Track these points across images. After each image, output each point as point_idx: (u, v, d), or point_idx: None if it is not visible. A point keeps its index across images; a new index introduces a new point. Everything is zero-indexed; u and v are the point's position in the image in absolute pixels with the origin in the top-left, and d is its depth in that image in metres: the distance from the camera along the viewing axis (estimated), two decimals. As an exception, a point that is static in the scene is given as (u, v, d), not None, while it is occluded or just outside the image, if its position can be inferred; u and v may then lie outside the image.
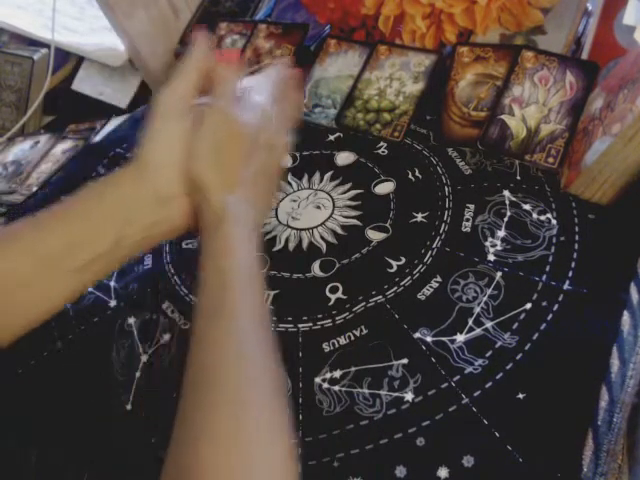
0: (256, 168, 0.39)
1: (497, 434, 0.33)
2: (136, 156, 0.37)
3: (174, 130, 0.37)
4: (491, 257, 0.42)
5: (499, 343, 0.37)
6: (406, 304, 0.40)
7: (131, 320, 0.44)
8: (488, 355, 0.37)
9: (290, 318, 0.42)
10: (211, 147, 0.37)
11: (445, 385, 0.36)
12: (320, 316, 0.41)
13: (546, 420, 0.33)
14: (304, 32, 0.62)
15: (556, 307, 0.38)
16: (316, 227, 0.47)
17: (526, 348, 0.36)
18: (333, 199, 0.49)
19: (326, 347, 0.39)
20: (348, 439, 0.35)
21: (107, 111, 0.69)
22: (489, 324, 0.38)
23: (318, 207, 0.49)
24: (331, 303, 0.42)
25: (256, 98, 0.41)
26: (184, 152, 0.37)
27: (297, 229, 0.47)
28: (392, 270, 0.43)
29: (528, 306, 0.38)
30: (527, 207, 0.44)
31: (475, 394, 0.35)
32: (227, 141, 0.37)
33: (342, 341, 0.40)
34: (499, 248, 0.42)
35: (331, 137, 0.55)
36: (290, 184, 0.51)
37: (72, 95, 0.72)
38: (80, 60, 0.73)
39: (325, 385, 0.38)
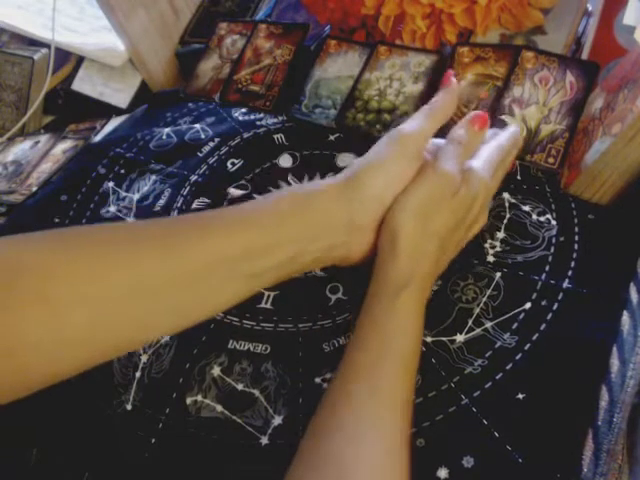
0: (449, 238, 0.37)
1: (497, 434, 0.33)
2: (352, 174, 0.35)
3: (404, 169, 0.35)
4: (490, 258, 0.42)
5: (499, 343, 0.37)
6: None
7: (131, 320, 0.44)
8: (488, 355, 0.37)
9: (290, 318, 0.42)
10: (422, 206, 0.35)
11: (445, 386, 0.36)
12: (320, 316, 0.41)
13: (546, 420, 0.33)
14: (304, 32, 0.62)
15: (556, 307, 0.38)
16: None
17: (526, 348, 0.36)
18: (333, 199, 0.49)
19: (326, 347, 0.39)
20: (348, 439, 0.35)
21: (107, 111, 0.69)
22: (489, 324, 0.38)
23: (318, 207, 0.49)
24: (331, 303, 0.42)
25: (479, 166, 0.38)
26: (393, 191, 0.35)
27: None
28: (392, 270, 0.43)
29: (528, 306, 0.38)
30: (527, 208, 0.44)
31: (475, 394, 0.35)
32: (439, 207, 0.35)
33: (342, 341, 0.40)
34: (499, 249, 0.42)
35: (331, 137, 0.55)
36: (290, 184, 0.51)
37: (72, 95, 0.72)
38: (80, 60, 0.73)
39: (325, 385, 0.38)
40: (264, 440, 0.36)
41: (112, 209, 0.54)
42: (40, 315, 0.26)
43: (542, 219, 0.43)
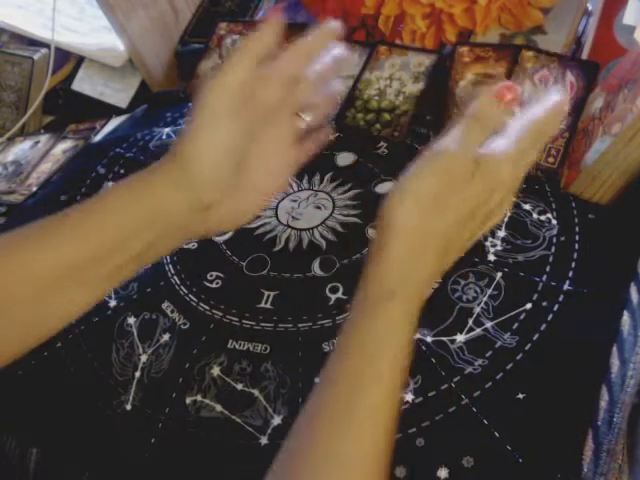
0: (457, 236, 0.31)
1: (497, 434, 0.33)
2: (173, 153, 0.32)
3: (222, 131, 0.31)
4: (491, 257, 0.42)
5: (499, 343, 0.37)
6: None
7: (131, 320, 0.44)
8: (488, 355, 0.37)
9: (290, 318, 0.42)
10: (425, 197, 0.29)
11: (445, 386, 0.36)
12: (320, 316, 0.41)
13: (546, 420, 0.33)
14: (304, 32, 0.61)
15: (556, 307, 0.38)
16: (316, 227, 0.47)
17: (526, 348, 0.36)
18: (333, 199, 0.49)
19: (326, 347, 0.39)
20: (348, 439, 0.35)
21: (107, 111, 0.69)
22: (489, 324, 0.38)
23: (318, 207, 0.49)
24: (331, 303, 0.42)
25: (502, 148, 0.30)
26: (230, 156, 0.32)
27: (297, 229, 0.47)
28: (392, 270, 0.43)
29: (528, 306, 0.38)
30: (527, 207, 0.44)
31: (475, 394, 0.35)
32: (446, 198, 0.29)
33: (342, 341, 0.40)
34: (499, 248, 0.42)
35: (331, 137, 0.55)
36: (290, 184, 0.51)
37: (72, 95, 0.72)
38: (80, 60, 0.73)
39: (325, 385, 0.37)
40: (264, 440, 0.36)
41: (112, 209, 0.53)
42: None
43: (543, 218, 0.43)
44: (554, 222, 0.43)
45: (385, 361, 0.28)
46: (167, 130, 0.60)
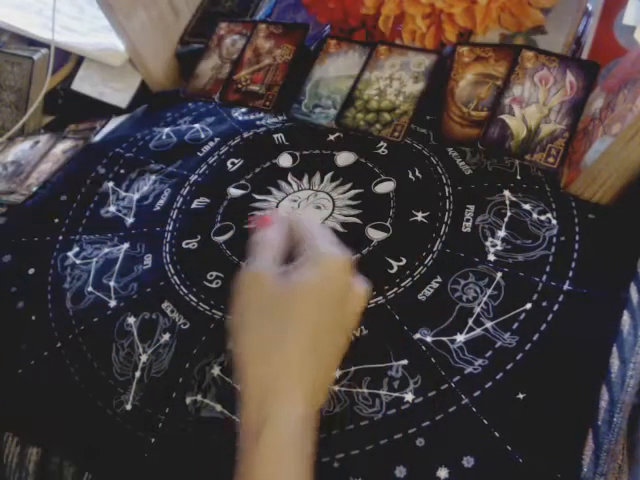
0: (318, 329, 0.31)
1: (497, 434, 0.33)
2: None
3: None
4: (491, 257, 0.42)
5: (499, 343, 0.37)
6: (406, 305, 0.40)
7: (131, 320, 0.44)
8: (488, 355, 0.37)
9: (290, 318, 0.42)
10: (254, 319, 0.31)
11: (445, 386, 0.36)
12: (320, 316, 0.41)
13: (546, 420, 0.33)
14: (304, 32, 0.62)
15: (556, 307, 0.38)
16: (316, 227, 0.47)
17: (526, 348, 0.36)
18: (333, 199, 0.49)
19: (326, 347, 0.39)
20: (348, 439, 0.35)
21: (107, 111, 0.69)
22: (489, 324, 0.38)
23: (318, 207, 0.49)
24: (331, 303, 0.42)
25: (319, 243, 0.33)
26: None
27: (297, 229, 0.47)
28: (392, 271, 0.43)
29: (528, 306, 0.38)
30: (527, 207, 0.44)
31: (475, 394, 0.35)
32: (272, 310, 0.31)
33: (342, 341, 0.40)
34: (499, 248, 0.42)
35: (331, 137, 0.55)
36: (290, 184, 0.51)
37: (72, 95, 0.72)
38: (80, 60, 0.73)
39: (325, 385, 0.37)
40: (264, 440, 0.36)
41: (112, 209, 0.53)
42: None
43: (543, 218, 0.43)
44: (554, 222, 0.43)
45: None
46: (167, 130, 0.60)
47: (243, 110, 0.61)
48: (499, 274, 0.40)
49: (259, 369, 0.30)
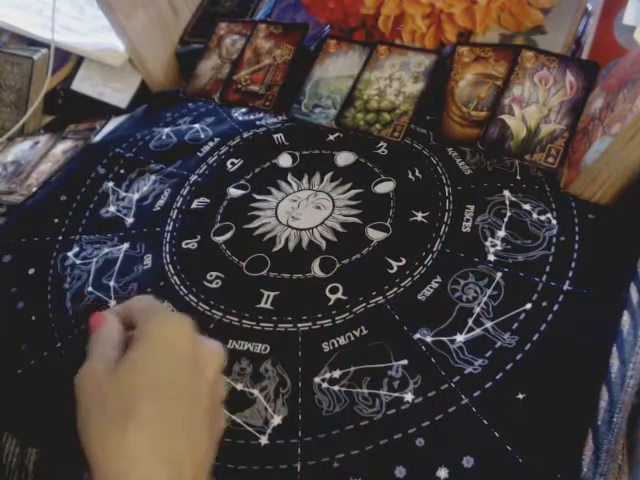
0: (164, 403, 0.29)
1: (497, 434, 0.33)
2: None
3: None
4: (491, 257, 0.42)
5: (499, 343, 0.37)
6: (406, 305, 0.40)
7: (131, 320, 0.44)
8: (488, 355, 0.37)
9: (290, 318, 0.42)
10: (95, 420, 0.29)
11: (445, 386, 0.36)
12: (320, 316, 0.41)
13: (546, 420, 0.33)
14: (304, 32, 0.62)
15: (556, 307, 0.38)
16: (316, 227, 0.47)
17: (526, 348, 0.36)
18: (333, 199, 0.49)
19: (326, 347, 0.39)
20: (348, 439, 0.35)
21: (107, 111, 0.69)
22: (489, 324, 0.38)
23: (318, 207, 0.49)
24: (331, 303, 0.42)
25: (150, 318, 0.32)
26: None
27: (297, 229, 0.47)
28: (392, 271, 0.43)
29: (528, 306, 0.38)
30: (527, 207, 0.44)
31: (475, 394, 0.35)
32: (109, 405, 0.29)
33: (342, 341, 0.40)
34: (499, 248, 0.42)
35: (331, 137, 0.55)
36: (290, 184, 0.51)
37: (72, 95, 0.72)
38: (80, 60, 0.73)
39: (324, 385, 0.37)
40: (263, 440, 0.36)
41: (112, 209, 0.53)
42: None
43: (542, 218, 0.43)
44: (554, 222, 0.43)
45: None
46: (167, 130, 0.60)
47: (243, 110, 0.61)
48: (499, 274, 0.40)
49: (113, 465, 0.29)
